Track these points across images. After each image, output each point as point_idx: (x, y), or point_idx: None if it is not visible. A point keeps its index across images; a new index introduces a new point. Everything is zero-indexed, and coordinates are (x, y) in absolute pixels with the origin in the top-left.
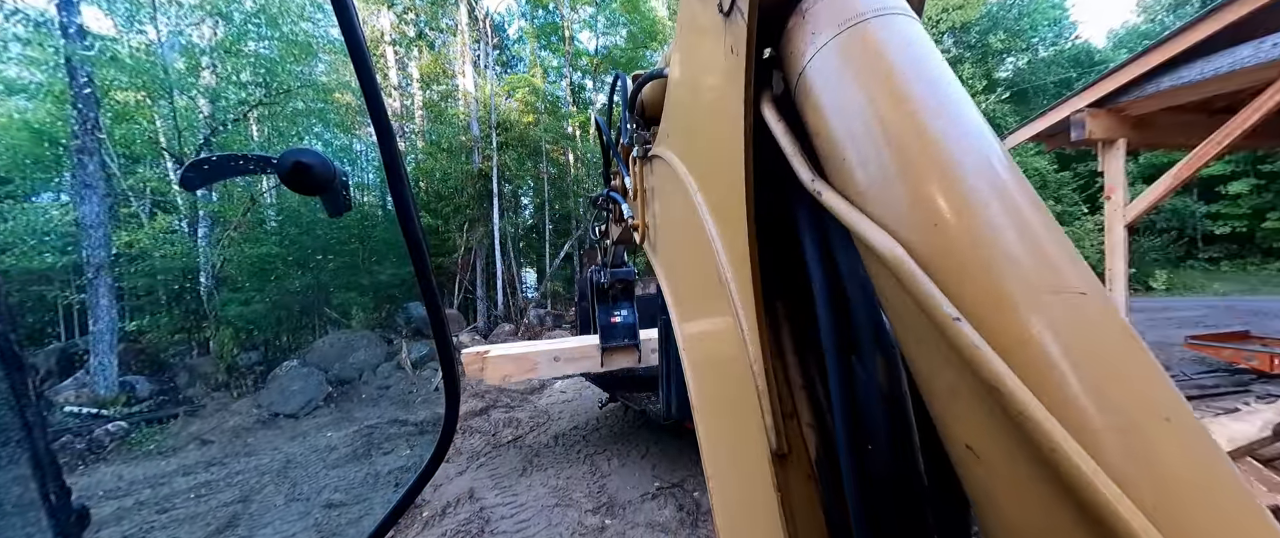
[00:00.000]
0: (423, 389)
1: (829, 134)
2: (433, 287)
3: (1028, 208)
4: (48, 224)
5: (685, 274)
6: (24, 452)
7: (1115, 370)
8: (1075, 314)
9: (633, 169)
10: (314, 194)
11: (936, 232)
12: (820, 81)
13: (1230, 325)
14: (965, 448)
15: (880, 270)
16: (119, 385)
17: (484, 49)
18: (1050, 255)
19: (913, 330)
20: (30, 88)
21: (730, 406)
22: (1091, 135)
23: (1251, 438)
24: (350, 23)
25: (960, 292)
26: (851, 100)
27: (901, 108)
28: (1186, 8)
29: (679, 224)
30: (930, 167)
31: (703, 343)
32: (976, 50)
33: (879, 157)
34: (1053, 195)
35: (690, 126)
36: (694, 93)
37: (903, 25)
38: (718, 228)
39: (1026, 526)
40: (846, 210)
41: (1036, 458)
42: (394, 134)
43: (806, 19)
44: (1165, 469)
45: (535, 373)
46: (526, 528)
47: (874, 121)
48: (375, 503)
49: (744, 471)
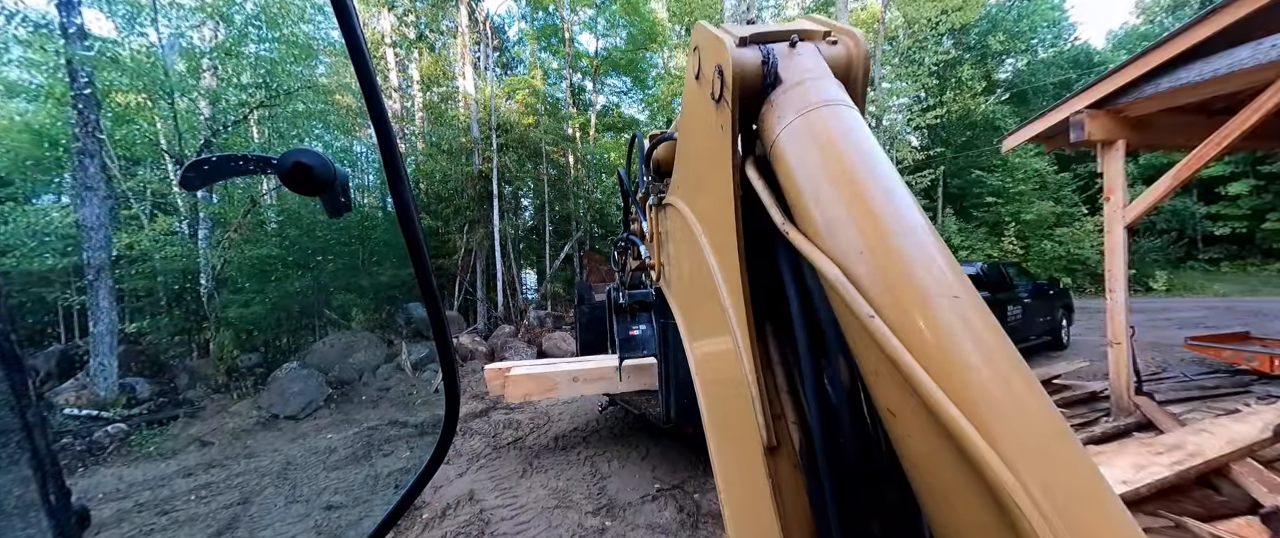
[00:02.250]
0: (423, 391)
1: (795, 189)
2: (433, 288)
3: (924, 234)
4: (48, 226)
5: (695, 305)
6: (24, 453)
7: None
8: (953, 310)
9: (649, 216)
10: (314, 195)
11: (862, 258)
12: (787, 151)
13: (1230, 326)
14: (887, 411)
15: (831, 290)
16: (119, 387)
17: (484, 51)
18: (938, 269)
19: (852, 332)
20: (31, 90)
21: (733, 413)
22: (1091, 136)
23: (1252, 439)
24: (350, 24)
25: (877, 298)
26: (810, 165)
27: (846, 174)
28: (1185, 9)
29: (688, 262)
30: (864, 217)
31: (710, 363)
32: (976, 51)
33: (829, 207)
34: (1052, 196)
35: (695, 180)
36: (697, 155)
37: (846, 114)
38: (718, 263)
39: (925, 460)
40: (806, 246)
41: (926, 412)
42: (394, 135)
43: (775, 106)
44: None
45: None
46: (527, 530)
47: (825, 182)
48: (375, 505)
49: (743, 465)
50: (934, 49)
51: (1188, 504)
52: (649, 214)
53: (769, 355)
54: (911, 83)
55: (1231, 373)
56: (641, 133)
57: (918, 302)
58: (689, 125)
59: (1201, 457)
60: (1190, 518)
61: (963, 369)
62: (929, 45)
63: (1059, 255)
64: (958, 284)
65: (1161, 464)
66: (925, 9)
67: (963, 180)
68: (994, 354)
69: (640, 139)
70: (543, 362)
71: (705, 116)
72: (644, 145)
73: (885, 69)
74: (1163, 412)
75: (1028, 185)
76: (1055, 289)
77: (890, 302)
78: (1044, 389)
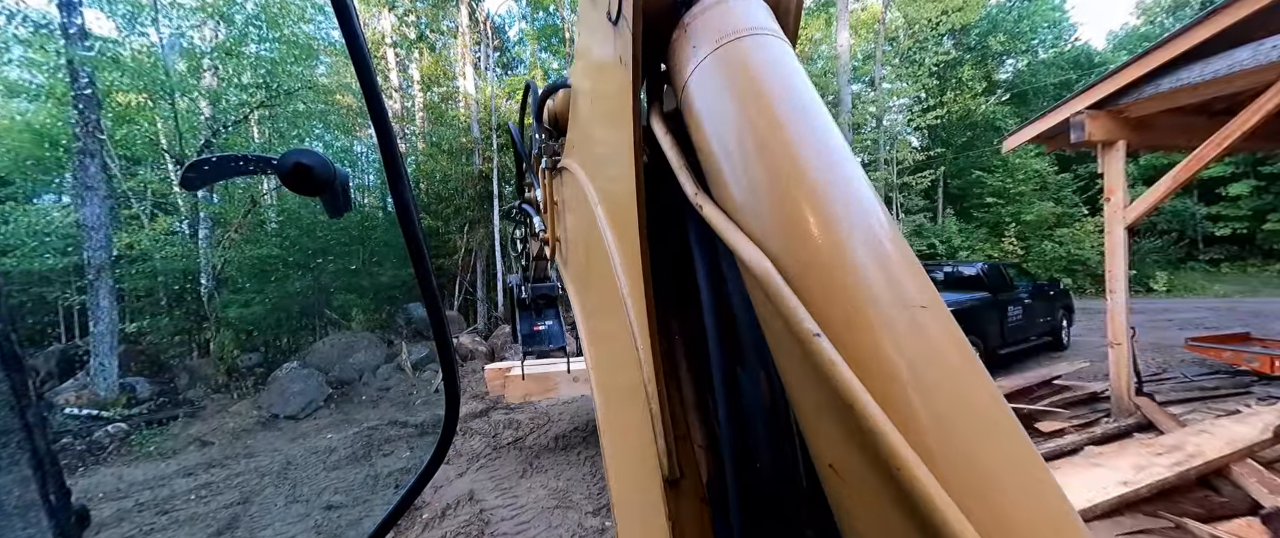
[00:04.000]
0: (423, 391)
1: (708, 148)
2: (433, 288)
3: (881, 225)
4: (49, 226)
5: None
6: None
7: (950, 383)
8: (917, 327)
9: (543, 181)
10: (314, 195)
11: (802, 247)
12: (700, 96)
13: (1231, 327)
14: (829, 467)
15: (753, 283)
16: (119, 387)
17: (484, 51)
18: (897, 270)
19: (782, 344)
20: (32, 90)
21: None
22: (1091, 137)
23: (1252, 440)
24: (351, 25)
25: (820, 305)
26: (728, 116)
27: (773, 127)
28: (1186, 10)
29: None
30: (798, 185)
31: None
32: (976, 52)
33: (752, 173)
34: (1053, 197)
35: (589, 137)
36: (591, 102)
37: (775, 46)
38: (615, 242)
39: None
40: (723, 223)
41: (887, 476)
42: (394, 135)
43: (688, 33)
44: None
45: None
46: (527, 530)
47: (749, 138)
48: (375, 505)
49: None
50: (934, 49)
51: (1188, 505)
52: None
53: (675, 360)
54: (912, 83)
55: (1232, 374)
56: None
57: (876, 313)
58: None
59: (1202, 458)
60: (1190, 519)
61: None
62: (929, 46)
63: (1059, 256)
64: (919, 289)
65: (1162, 465)
66: (925, 9)
67: (963, 181)
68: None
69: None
70: (543, 361)
71: (601, 50)
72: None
73: (886, 69)
74: (1163, 412)
75: (1028, 186)
76: (1056, 290)
77: (838, 311)
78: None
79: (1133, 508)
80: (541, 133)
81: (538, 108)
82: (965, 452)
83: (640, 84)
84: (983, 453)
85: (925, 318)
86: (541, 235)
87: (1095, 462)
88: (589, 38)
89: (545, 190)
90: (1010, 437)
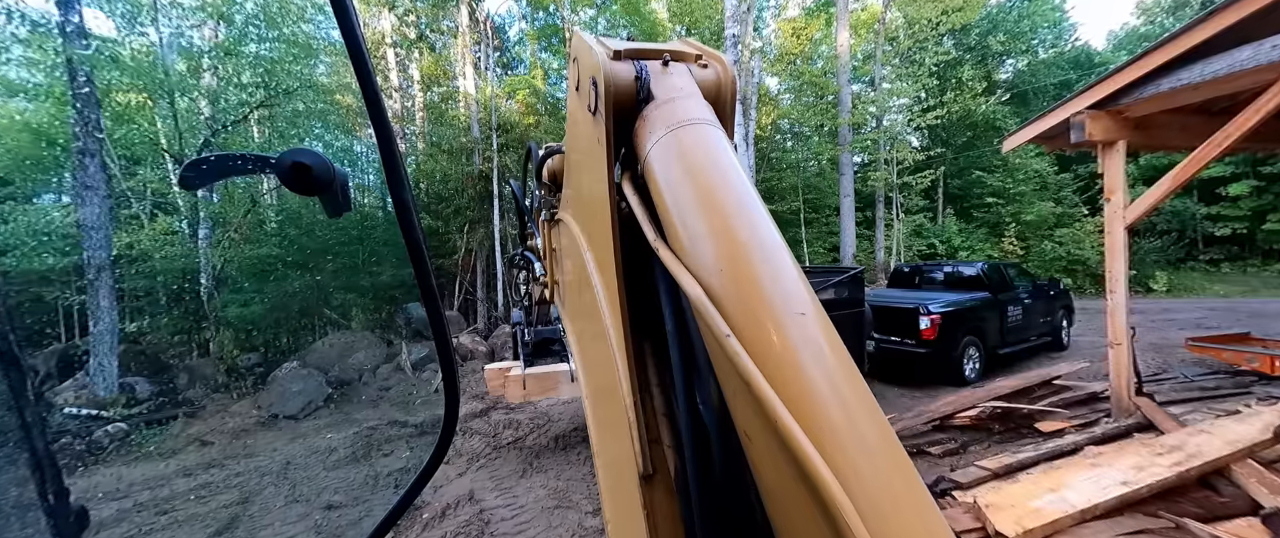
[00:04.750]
0: (423, 391)
1: (664, 205)
2: (433, 288)
3: (777, 252)
4: (48, 226)
5: (583, 324)
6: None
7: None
8: (801, 328)
9: (543, 231)
10: (313, 195)
11: (721, 275)
12: (657, 166)
13: (1231, 327)
14: (744, 435)
15: (692, 307)
16: (119, 387)
17: (485, 51)
18: (788, 286)
19: (714, 351)
20: (31, 89)
21: (616, 437)
22: (1091, 137)
23: (1252, 440)
24: (350, 24)
25: (732, 315)
26: (676, 183)
27: (706, 193)
28: (1186, 10)
29: (577, 279)
30: (722, 233)
31: (593, 381)
32: (976, 52)
33: (693, 224)
34: (1053, 197)
35: (579, 195)
36: (579, 169)
37: (710, 133)
38: (599, 280)
39: (776, 488)
40: (672, 262)
41: (776, 436)
42: (394, 135)
43: (647, 122)
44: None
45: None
46: (527, 530)
47: (690, 198)
48: (375, 505)
49: (623, 493)
50: (934, 49)
51: (1188, 505)
52: (542, 230)
53: (647, 377)
54: (912, 83)
55: (1232, 374)
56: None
57: (770, 319)
58: (572, 138)
59: (1202, 458)
60: (1190, 519)
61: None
62: (929, 46)
63: (1059, 256)
64: (804, 300)
65: (1162, 465)
66: (925, 9)
67: (963, 181)
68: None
69: (535, 150)
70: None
71: (585, 129)
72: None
73: (886, 69)
74: (1163, 413)
75: (1028, 186)
76: (1056, 289)
77: (745, 319)
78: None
79: (1133, 508)
80: (541, 189)
81: (538, 168)
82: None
83: (614, 157)
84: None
85: (807, 321)
86: (542, 279)
87: (1095, 462)
88: (576, 119)
89: (545, 239)
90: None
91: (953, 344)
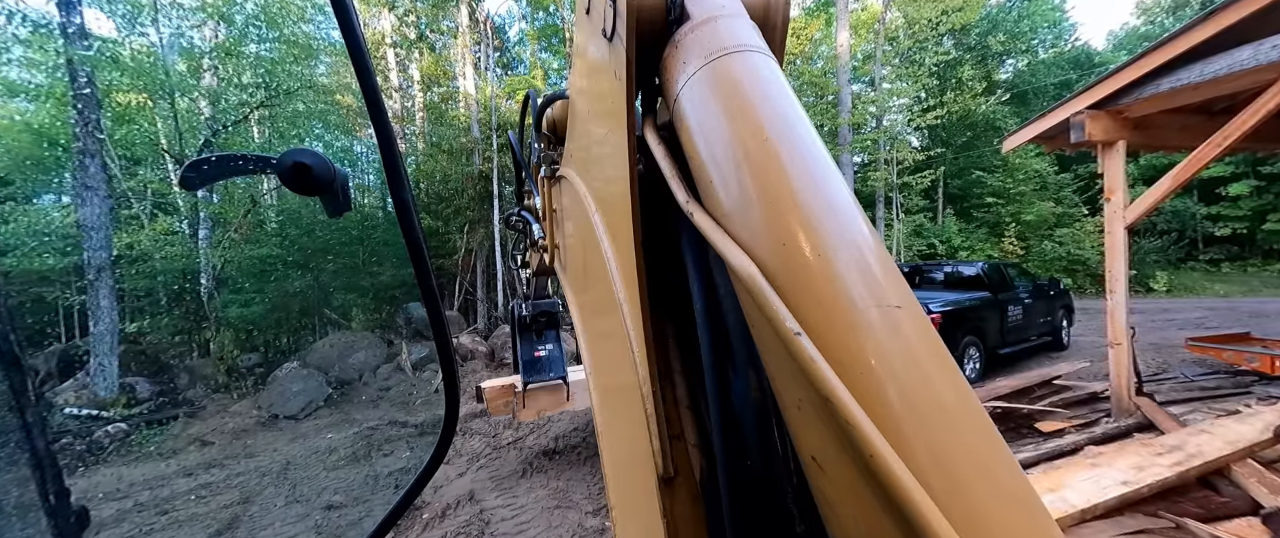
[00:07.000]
0: (423, 391)
1: (699, 158)
2: (433, 288)
3: (860, 231)
4: (49, 226)
5: (587, 294)
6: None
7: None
8: (893, 326)
9: (542, 189)
10: (313, 195)
11: (786, 252)
12: (691, 109)
13: (1231, 327)
14: (811, 460)
15: (740, 287)
16: (119, 387)
17: (485, 51)
18: (875, 273)
19: (767, 344)
20: (32, 90)
21: (628, 430)
22: (1091, 137)
23: (1252, 440)
24: (350, 24)
25: (801, 306)
26: (716, 128)
27: (759, 140)
28: (1186, 10)
29: (582, 245)
30: (783, 195)
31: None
32: (976, 52)
33: (740, 181)
34: (1053, 197)
35: (586, 144)
36: (588, 115)
37: (760, 62)
38: (612, 248)
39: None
40: (712, 230)
41: (863, 467)
42: (394, 136)
43: (679, 49)
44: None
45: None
46: (527, 530)
47: (736, 149)
48: (375, 505)
49: (637, 497)
50: (934, 49)
51: (1188, 505)
52: (542, 187)
53: (669, 363)
54: (912, 83)
55: (1232, 374)
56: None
57: (853, 313)
58: (579, 78)
59: (1202, 458)
60: (1190, 519)
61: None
62: (929, 46)
63: (1059, 256)
64: (895, 290)
65: (1162, 465)
66: (925, 9)
67: (963, 181)
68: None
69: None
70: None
71: (597, 64)
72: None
73: (886, 69)
74: (1163, 412)
75: (1028, 186)
76: (1056, 289)
77: (818, 312)
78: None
79: (1133, 508)
80: (541, 141)
81: (538, 116)
82: (935, 443)
83: (634, 96)
84: (952, 445)
85: (900, 318)
86: (540, 243)
87: (1095, 462)
88: (585, 52)
89: (544, 198)
90: (978, 429)
91: (953, 344)
